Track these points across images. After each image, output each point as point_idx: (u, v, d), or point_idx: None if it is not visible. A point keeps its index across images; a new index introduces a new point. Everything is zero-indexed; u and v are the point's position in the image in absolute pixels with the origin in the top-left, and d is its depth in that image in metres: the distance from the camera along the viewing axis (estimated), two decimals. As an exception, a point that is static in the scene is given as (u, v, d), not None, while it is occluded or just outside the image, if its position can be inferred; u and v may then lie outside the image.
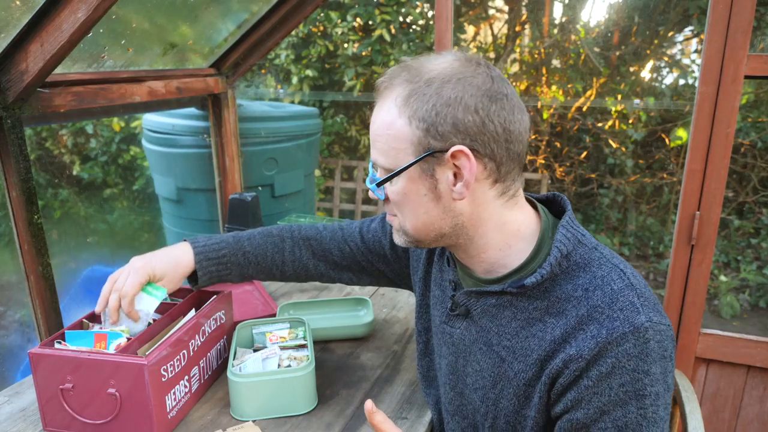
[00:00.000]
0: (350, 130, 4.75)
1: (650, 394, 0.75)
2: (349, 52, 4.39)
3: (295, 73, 4.54)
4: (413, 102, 0.78)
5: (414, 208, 0.83)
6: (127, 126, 4.59)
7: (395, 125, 0.79)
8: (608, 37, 4.27)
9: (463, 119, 0.76)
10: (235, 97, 2.11)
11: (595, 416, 0.77)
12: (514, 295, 0.85)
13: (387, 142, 0.81)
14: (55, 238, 4.14)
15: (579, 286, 0.80)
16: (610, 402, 0.76)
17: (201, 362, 1.19)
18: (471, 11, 4.63)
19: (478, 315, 0.91)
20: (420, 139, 0.78)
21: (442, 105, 0.76)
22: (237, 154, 2.14)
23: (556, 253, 0.81)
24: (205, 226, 2.31)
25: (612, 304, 0.77)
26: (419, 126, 0.77)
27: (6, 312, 3.43)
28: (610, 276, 0.80)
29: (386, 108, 0.81)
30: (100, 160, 4.73)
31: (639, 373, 0.75)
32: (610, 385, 0.75)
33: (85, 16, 1.17)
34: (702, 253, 1.63)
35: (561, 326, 0.80)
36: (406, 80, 0.80)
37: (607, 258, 0.82)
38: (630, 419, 0.76)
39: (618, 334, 0.75)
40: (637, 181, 4.32)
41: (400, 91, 0.79)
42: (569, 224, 0.84)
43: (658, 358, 0.76)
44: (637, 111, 4.22)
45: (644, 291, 0.79)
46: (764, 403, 1.72)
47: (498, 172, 0.81)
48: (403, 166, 0.80)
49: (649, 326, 0.75)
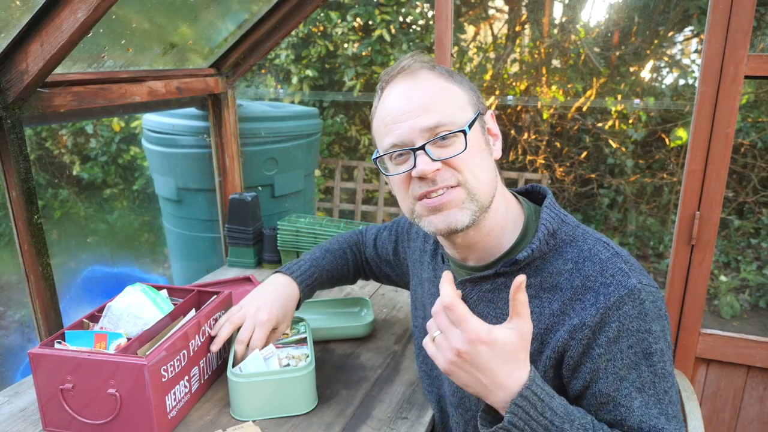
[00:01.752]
0: (350, 130, 4.75)
1: (656, 351, 0.80)
2: (349, 52, 4.39)
3: (295, 73, 4.54)
4: (455, 75, 0.90)
5: (481, 161, 0.87)
6: (127, 126, 4.59)
7: (451, 89, 0.87)
8: (608, 37, 4.27)
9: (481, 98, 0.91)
10: (235, 97, 2.11)
11: (616, 384, 0.81)
12: (507, 276, 0.89)
13: (450, 101, 0.86)
14: (55, 238, 4.14)
15: (569, 260, 0.85)
16: (624, 366, 0.80)
17: (201, 362, 1.19)
18: (471, 11, 4.63)
19: (474, 303, 0.93)
20: (473, 100, 0.89)
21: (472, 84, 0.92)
22: (237, 154, 2.14)
23: (543, 229, 0.86)
24: (205, 226, 2.31)
25: (603, 271, 0.82)
26: (469, 90, 0.89)
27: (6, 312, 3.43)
28: (596, 247, 0.85)
29: (431, 78, 0.87)
30: (100, 160, 4.73)
31: (642, 332, 0.80)
32: (620, 349, 0.80)
33: (85, 16, 1.17)
34: (702, 253, 1.63)
35: (558, 299, 0.84)
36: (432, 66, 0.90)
37: (590, 233, 0.89)
38: (645, 379, 0.80)
39: (615, 298, 0.80)
40: (637, 181, 4.32)
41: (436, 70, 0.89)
42: (552, 206, 0.90)
43: (656, 317, 0.81)
44: (637, 111, 4.22)
45: (629, 258, 0.85)
46: (764, 403, 1.72)
47: None
48: (472, 118, 0.86)
49: (641, 287, 0.81)
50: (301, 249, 1.92)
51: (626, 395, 0.81)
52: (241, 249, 2.00)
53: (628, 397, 0.81)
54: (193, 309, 1.24)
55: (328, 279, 1.31)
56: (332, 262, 1.33)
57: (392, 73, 0.89)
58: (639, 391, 0.81)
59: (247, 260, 2.00)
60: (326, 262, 1.31)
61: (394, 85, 0.88)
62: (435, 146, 0.84)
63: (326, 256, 1.32)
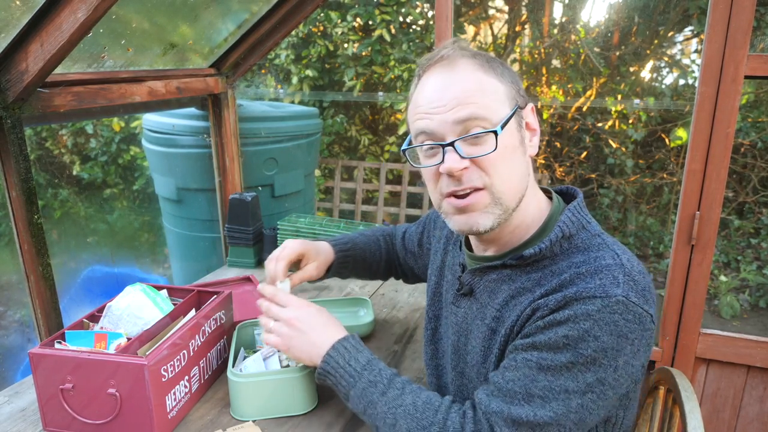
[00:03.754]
0: (350, 130, 4.75)
1: (588, 357, 0.74)
2: (349, 52, 4.39)
3: (295, 73, 4.54)
4: (495, 66, 0.85)
5: (512, 162, 0.85)
6: (127, 126, 4.59)
7: (489, 82, 0.84)
8: (608, 37, 4.27)
9: (523, 89, 0.89)
10: (235, 97, 2.11)
11: (527, 346, 0.79)
12: (513, 269, 0.87)
13: (485, 96, 0.82)
14: (55, 238, 4.14)
15: (573, 264, 0.82)
16: (546, 343, 0.77)
17: (201, 362, 1.19)
18: (471, 11, 4.63)
19: (480, 292, 0.93)
20: (512, 94, 0.85)
21: (514, 75, 0.88)
22: (237, 154, 2.14)
23: (557, 231, 0.84)
24: (205, 226, 2.31)
25: (595, 273, 0.78)
26: (509, 83, 0.85)
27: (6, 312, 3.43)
28: (603, 256, 0.81)
29: (469, 70, 0.84)
30: (100, 160, 4.73)
31: (588, 335, 0.74)
32: (556, 332, 0.76)
33: (85, 16, 1.17)
34: (702, 253, 1.63)
35: (543, 289, 0.82)
36: (472, 54, 0.86)
37: (608, 244, 0.84)
38: (554, 364, 0.75)
39: (587, 295, 0.75)
40: (637, 181, 4.32)
41: (473, 61, 0.85)
42: (576, 210, 0.87)
43: (616, 333, 0.74)
44: (637, 111, 4.22)
45: (635, 275, 0.78)
46: (764, 403, 1.72)
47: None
48: (507, 115, 0.83)
49: (623, 302, 0.74)
50: (301, 249, 1.92)
51: (525, 360, 0.78)
52: (241, 249, 2.00)
53: (525, 362, 0.78)
54: (193, 309, 1.24)
55: (361, 258, 1.34)
56: (366, 243, 1.36)
57: (431, 60, 0.86)
58: (539, 368, 0.77)
59: (247, 260, 2.00)
60: (360, 240, 1.35)
61: (431, 74, 0.85)
62: (466, 143, 0.82)
63: (360, 237, 1.37)
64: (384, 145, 4.95)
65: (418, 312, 1.62)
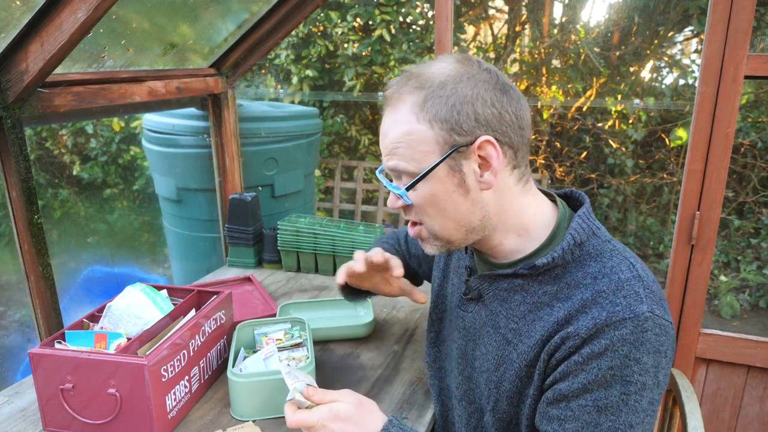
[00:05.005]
0: (350, 130, 4.75)
1: (636, 382, 0.76)
2: (349, 52, 4.39)
3: (295, 73, 4.54)
4: (431, 106, 0.81)
5: (443, 207, 0.85)
6: (127, 126, 4.59)
7: (416, 131, 0.82)
8: (608, 37, 4.27)
9: (483, 113, 0.81)
10: (235, 97, 2.11)
11: (578, 392, 0.78)
12: (525, 278, 0.88)
13: (410, 147, 0.83)
14: (55, 238, 4.14)
15: (588, 274, 0.82)
16: (595, 381, 0.77)
17: (201, 362, 1.19)
18: (471, 11, 4.63)
19: (489, 299, 0.93)
20: (445, 138, 0.81)
21: (462, 103, 0.80)
22: (237, 154, 2.14)
23: (569, 239, 0.84)
24: (205, 226, 2.31)
25: (617, 291, 0.79)
26: (442, 127, 0.81)
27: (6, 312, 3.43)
28: (619, 266, 0.81)
29: (402, 117, 0.83)
30: (100, 160, 4.73)
31: (630, 359, 0.75)
32: (599, 365, 0.77)
33: (85, 16, 1.17)
34: (702, 253, 1.63)
35: (566, 308, 0.82)
36: (415, 87, 0.83)
37: (619, 251, 0.84)
38: (611, 402, 0.76)
39: (617, 319, 0.76)
40: (637, 181, 4.32)
41: (414, 99, 0.82)
42: (585, 216, 0.87)
43: (653, 350, 0.76)
44: (637, 111, 4.22)
45: (651, 285, 0.80)
46: (764, 403, 1.72)
47: (515, 159, 0.86)
48: (430, 166, 0.82)
49: (650, 317, 0.76)
50: (301, 249, 1.92)
51: (581, 406, 0.78)
52: (241, 249, 2.00)
53: (582, 408, 0.78)
54: (193, 309, 1.24)
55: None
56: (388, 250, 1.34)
57: (384, 94, 0.88)
58: (598, 411, 0.77)
59: (247, 260, 2.00)
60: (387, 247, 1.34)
61: (384, 111, 0.88)
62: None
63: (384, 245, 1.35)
64: (384, 145, 4.93)
65: (419, 312, 1.62)
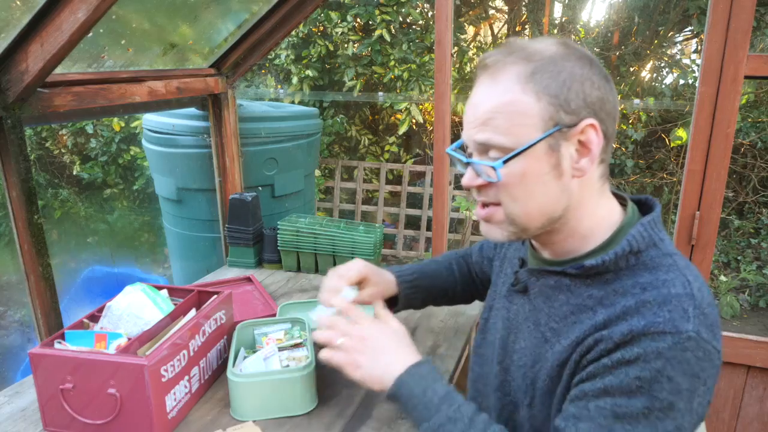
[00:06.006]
0: (350, 130, 4.75)
1: (664, 400, 0.70)
2: (349, 52, 4.39)
3: (295, 73, 4.54)
4: (540, 78, 0.77)
5: (531, 189, 0.80)
6: (127, 126, 4.59)
7: (521, 102, 0.77)
8: (608, 37, 4.27)
9: (590, 94, 0.77)
10: (235, 97, 2.11)
11: (599, 393, 0.74)
12: (573, 278, 0.84)
13: (510, 119, 0.78)
14: (55, 238, 4.15)
15: (638, 284, 0.77)
16: (619, 387, 0.72)
17: (201, 362, 1.19)
18: (471, 11, 4.63)
19: (534, 294, 0.91)
20: (551, 113, 0.77)
21: (572, 80, 0.77)
22: (237, 154, 2.14)
23: (625, 245, 0.79)
24: (205, 226, 2.31)
25: (663, 304, 0.73)
26: (550, 101, 0.77)
27: (6, 312, 3.44)
28: (673, 281, 0.76)
29: (504, 86, 0.78)
30: (100, 160, 4.73)
31: (662, 375, 0.70)
32: (627, 372, 0.72)
33: (85, 16, 1.17)
34: (702, 253, 1.63)
35: (606, 314, 0.78)
36: (523, 58, 0.78)
37: (679, 267, 0.78)
38: (631, 412, 0.71)
39: (656, 330, 0.71)
40: (637, 181, 4.32)
41: (520, 69, 0.78)
42: (649, 224, 0.82)
43: (690, 373, 0.70)
44: (637, 111, 4.22)
45: (705, 308, 0.74)
46: (764, 403, 1.72)
47: (605, 151, 0.81)
48: (531, 141, 0.77)
49: (694, 338, 0.71)
50: (301, 249, 1.92)
51: (599, 408, 0.73)
52: (241, 249, 2.00)
53: (599, 410, 0.73)
54: (193, 309, 1.24)
55: (430, 286, 1.26)
56: (435, 270, 1.29)
57: (480, 64, 0.83)
58: (615, 417, 0.72)
59: (247, 260, 2.00)
60: (429, 269, 1.28)
61: (476, 82, 0.83)
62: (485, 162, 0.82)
63: (429, 265, 1.30)
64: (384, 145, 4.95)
65: (419, 312, 1.62)
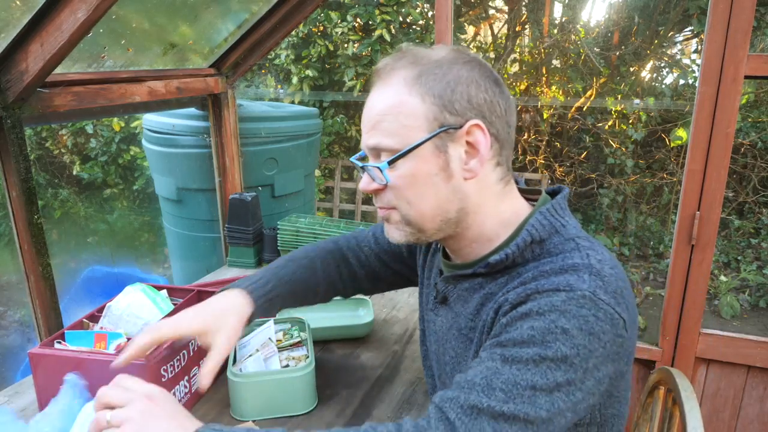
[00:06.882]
0: (350, 130, 4.75)
1: (557, 351, 0.68)
2: (349, 52, 4.39)
3: (295, 73, 4.54)
4: (425, 80, 0.78)
5: (422, 190, 0.81)
6: (127, 126, 4.59)
7: (406, 104, 0.78)
8: (608, 37, 4.27)
9: (476, 96, 0.78)
10: (235, 97, 2.11)
11: (492, 345, 0.73)
12: (484, 277, 0.85)
13: (397, 120, 0.79)
14: (55, 238, 4.15)
15: (539, 265, 0.78)
16: (512, 339, 0.71)
17: (201, 362, 1.19)
18: (471, 11, 4.63)
19: (453, 301, 0.91)
20: (435, 114, 0.78)
21: (457, 82, 0.78)
22: (237, 154, 2.14)
23: (525, 235, 0.79)
24: (205, 226, 2.31)
25: (559, 272, 0.73)
26: (434, 102, 0.78)
27: (6, 312, 3.44)
28: (571, 256, 0.76)
29: (392, 89, 0.80)
30: (100, 160, 4.73)
31: (556, 326, 0.68)
32: (520, 325, 0.71)
33: (85, 16, 1.17)
34: (702, 253, 1.63)
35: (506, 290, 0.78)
36: (411, 62, 0.80)
37: (580, 248, 0.78)
38: (520, 356, 0.69)
39: (550, 287, 0.71)
40: (637, 181, 4.32)
41: (408, 72, 0.79)
42: (549, 212, 0.82)
43: (588, 330, 0.68)
44: (637, 111, 4.23)
45: (607, 276, 0.73)
46: (764, 403, 1.72)
47: (500, 154, 0.82)
48: (416, 142, 0.78)
49: (590, 297, 0.69)
50: (301, 249, 1.92)
51: (490, 354, 0.72)
52: (241, 249, 2.00)
53: (489, 356, 0.72)
54: (193, 309, 1.24)
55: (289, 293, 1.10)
56: (296, 272, 1.11)
57: (374, 72, 0.85)
58: (503, 360, 0.70)
59: (247, 260, 2.00)
60: (287, 272, 1.10)
61: (371, 88, 0.85)
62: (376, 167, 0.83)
63: (289, 266, 1.12)
64: (384, 145, 4.94)
65: (419, 312, 1.62)
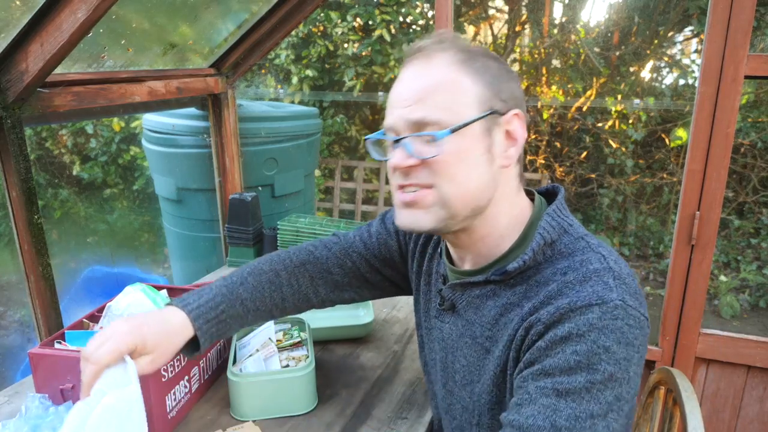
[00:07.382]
0: (350, 130, 4.75)
1: (604, 372, 0.69)
2: (349, 52, 4.39)
3: (295, 73, 4.54)
4: (477, 65, 0.80)
5: (468, 169, 0.79)
6: (127, 126, 4.59)
7: (459, 81, 0.79)
8: (608, 37, 4.27)
9: (517, 89, 0.84)
10: (235, 97, 2.11)
11: (537, 374, 0.72)
12: (498, 284, 0.84)
13: (451, 95, 0.78)
14: (55, 238, 4.15)
15: (558, 270, 0.78)
16: (557, 366, 0.70)
17: (201, 362, 1.19)
18: (471, 11, 4.63)
19: (463, 308, 0.90)
20: (488, 97, 0.80)
21: (501, 74, 0.82)
22: (237, 154, 2.14)
23: (539, 239, 0.80)
24: (205, 226, 2.31)
25: (584, 281, 0.74)
26: (486, 86, 0.80)
27: (6, 312, 3.44)
28: (589, 259, 0.77)
29: (439, 68, 0.80)
30: (100, 160, 4.73)
31: (599, 347, 0.69)
32: (563, 350, 0.70)
33: (85, 16, 1.17)
34: (702, 253, 1.63)
35: (531, 303, 0.78)
36: (455, 47, 0.81)
37: (592, 247, 0.80)
38: (573, 387, 0.69)
39: (582, 304, 0.71)
40: (637, 181, 4.32)
41: (454, 54, 0.80)
42: (555, 213, 0.84)
43: (624, 341, 0.70)
44: (637, 111, 4.22)
45: (625, 278, 0.75)
46: (764, 403, 1.72)
47: (521, 152, 0.85)
48: (471, 118, 0.78)
49: (621, 305, 0.71)
50: (301, 249, 1.92)
51: (539, 388, 0.71)
52: (241, 249, 2.00)
53: (540, 391, 0.70)
54: (193, 309, 1.24)
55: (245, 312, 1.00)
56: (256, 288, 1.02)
57: (411, 51, 0.84)
58: (558, 394, 0.69)
59: (247, 260, 2.00)
60: (245, 289, 1.00)
61: (407, 66, 0.83)
62: (419, 141, 0.80)
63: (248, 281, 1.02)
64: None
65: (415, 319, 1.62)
